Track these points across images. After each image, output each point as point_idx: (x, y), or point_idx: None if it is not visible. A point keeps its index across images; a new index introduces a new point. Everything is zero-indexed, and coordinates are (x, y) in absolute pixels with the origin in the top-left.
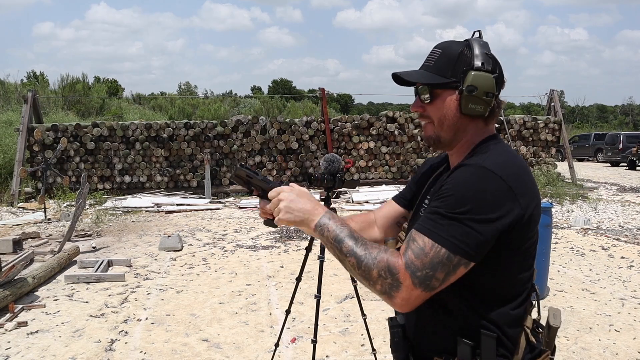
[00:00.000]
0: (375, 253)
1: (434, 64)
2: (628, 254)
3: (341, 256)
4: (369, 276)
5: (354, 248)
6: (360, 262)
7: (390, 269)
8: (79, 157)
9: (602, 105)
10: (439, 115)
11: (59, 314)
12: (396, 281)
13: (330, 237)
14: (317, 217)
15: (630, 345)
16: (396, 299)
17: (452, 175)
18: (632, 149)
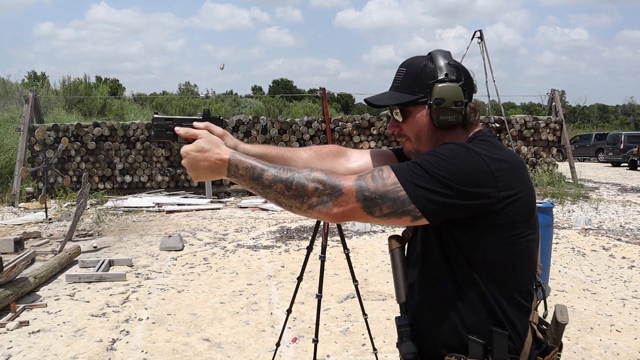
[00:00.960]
0: (308, 171)
1: (401, 83)
2: (629, 254)
3: (265, 190)
4: (303, 192)
5: (277, 174)
6: (290, 183)
7: (331, 180)
8: (80, 157)
9: (603, 105)
10: (414, 132)
11: (61, 313)
12: (337, 191)
13: (246, 177)
14: (225, 164)
15: (632, 346)
16: (332, 207)
17: (440, 145)
18: (633, 149)
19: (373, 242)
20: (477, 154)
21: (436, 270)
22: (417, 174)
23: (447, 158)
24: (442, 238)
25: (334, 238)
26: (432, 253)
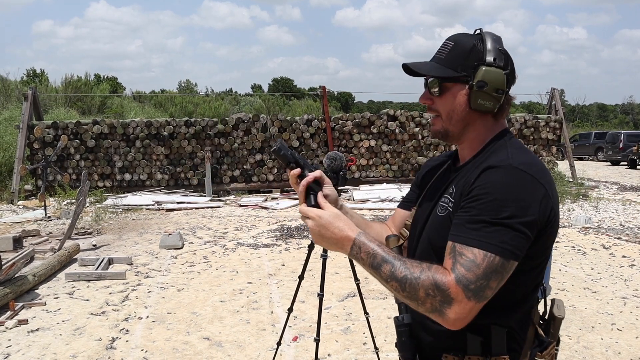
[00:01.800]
0: (418, 272)
1: (446, 56)
2: (629, 252)
3: (382, 281)
4: (416, 297)
5: (394, 271)
6: (403, 285)
7: (438, 286)
8: (79, 155)
9: (602, 104)
10: (447, 109)
11: (60, 312)
12: (447, 297)
13: (366, 262)
14: (353, 237)
15: (633, 344)
16: (448, 315)
17: (484, 179)
18: (632, 147)
19: None
20: (523, 172)
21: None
22: (490, 232)
23: (504, 197)
24: None
25: None
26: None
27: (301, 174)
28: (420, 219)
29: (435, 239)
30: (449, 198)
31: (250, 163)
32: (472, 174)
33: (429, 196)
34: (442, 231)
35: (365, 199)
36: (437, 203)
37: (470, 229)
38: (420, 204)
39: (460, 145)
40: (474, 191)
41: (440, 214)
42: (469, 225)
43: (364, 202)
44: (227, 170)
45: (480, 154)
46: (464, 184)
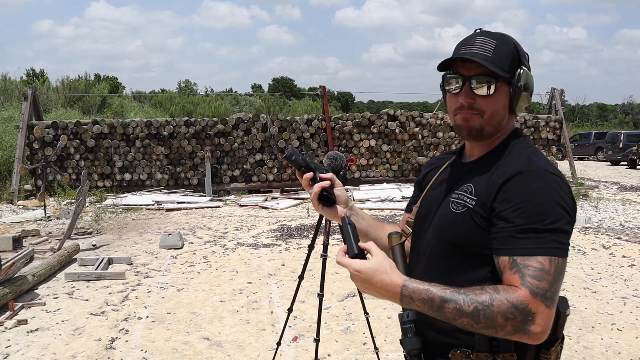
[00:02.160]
0: (488, 299)
1: (493, 55)
2: (629, 252)
3: (449, 320)
4: (494, 324)
5: (460, 308)
6: (477, 318)
7: (516, 306)
8: (79, 155)
9: (602, 104)
10: (492, 109)
11: (59, 312)
12: (528, 314)
13: (424, 307)
14: (399, 290)
15: (633, 344)
16: (534, 330)
17: (518, 184)
18: (632, 147)
19: None
20: (555, 176)
21: (452, 268)
22: (546, 237)
23: (548, 202)
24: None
25: (335, 236)
26: (455, 253)
27: (313, 177)
28: (427, 215)
29: (449, 236)
30: (466, 195)
31: (250, 163)
32: (497, 176)
33: (437, 192)
34: (460, 228)
35: (365, 199)
36: (449, 199)
37: (524, 238)
38: (426, 200)
39: (477, 143)
40: (513, 199)
41: (456, 210)
42: (521, 236)
43: (364, 202)
44: (227, 170)
45: (494, 151)
46: (488, 184)
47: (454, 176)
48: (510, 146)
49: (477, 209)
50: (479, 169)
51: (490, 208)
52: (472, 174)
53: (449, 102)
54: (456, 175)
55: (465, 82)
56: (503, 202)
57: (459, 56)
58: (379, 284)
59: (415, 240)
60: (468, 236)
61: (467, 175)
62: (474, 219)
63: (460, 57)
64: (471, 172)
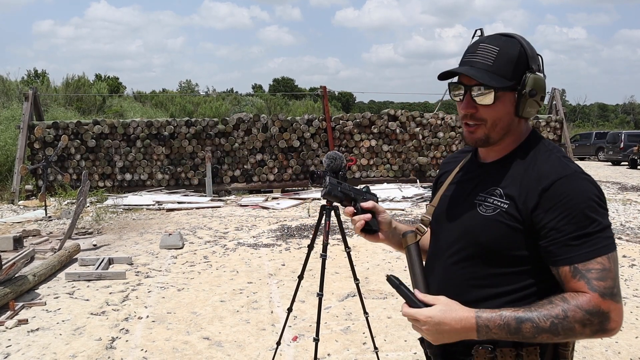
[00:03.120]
0: (561, 312)
1: (494, 63)
2: (630, 252)
3: (528, 339)
4: (573, 333)
5: (537, 326)
6: (556, 332)
7: (590, 312)
8: (80, 155)
9: (603, 104)
10: (494, 118)
11: (60, 311)
12: (603, 315)
13: (502, 335)
14: (474, 322)
15: (633, 344)
16: (610, 327)
17: (561, 190)
18: (633, 147)
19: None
20: (589, 177)
21: (486, 270)
22: (599, 237)
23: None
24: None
25: (335, 236)
26: (488, 255)
27: (355, 208)
28: (446, 214)
29: (482, 237)
30: (496, 198)
31: (251, 163)
32: (531, 181)
33: (456, 192)
34: (493, 230)
35: None
36: (473, 201)
37: (579, 245)
38: (444, 200)
39: (491, 148)
40: (559, 207)
41: (486, 213)
42: (575, 243)
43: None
44: (228, 170)
45: (515, 154)
46: (522, 188)
47: (473, 177)
48: (533, 148)
49: (510, 211)
50: (504, 172)
51: (532, 214)
52: (497, 177)
53: (458, 109)
54: (476, 176)
55: (466, 92)
56: (549, 211)
57: (453, 70)
58: (452, 323)
59: (433, 240)
60: (503, 238)
61: (489, 178)
62: (507, 222)
63: (448, 73)
64: (495, 173)
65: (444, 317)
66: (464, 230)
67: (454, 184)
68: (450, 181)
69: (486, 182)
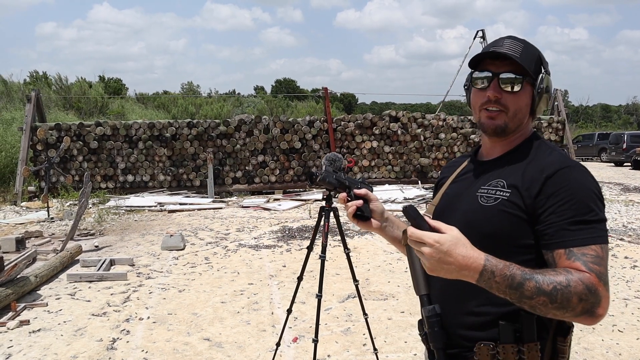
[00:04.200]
0: (564, 279)
1: (521, 56)
2: (632, 253)
3: (522, 299)
4: (568, 305)
5: (539, 286)
6: (554, 298)
7: (589, 288)
8: (82, 156)
9: (606, 105)
10: (516, 107)
11: (61, 312)
12: (597, 297)
13: (502, 285)
14: (482, 263)
15: (634, 346)
16: (599, 312)
17: (563, 178)
18: (636, 148)
19: (375, 242)
20: (586, 169)
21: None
22: (595, 227)
23: (590, 195)
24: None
25: (335, 237)
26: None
27: (348, 195)
28: (447, 210)
29: (486, 228)
30: (498, 189)
31: (253, 164)
32: (534, 170)
33: (457, 188)
34: (496, 219)
35: None
36: (475, 194)
37: (576, 230)
38: (445, 197)
39: (499, 142)
40: (560, 193)
41: (487, 203)
42: (573, 228)
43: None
44: (230, 172)
45: (518, 150)
46: (525, 177)
47: (475, 173)
48: (534, 145)
49: (513, 199)
50: (507, 166)
51: (535, 200)
52: (499, 171)
53: (474, 98)
54: (477, 172)
55: (494, 78)
56: (551, 197)
57: (494, 50)
58: (459, 257)
59: None
60: (506, 226)
61: (492, 172)
62: (509, 210)
63: (492, 54)
64: (497, 168)
65: (453, 248)
66: (466, 223)
67: (455, 182)
68: (451, 181)
69: (489, 177)
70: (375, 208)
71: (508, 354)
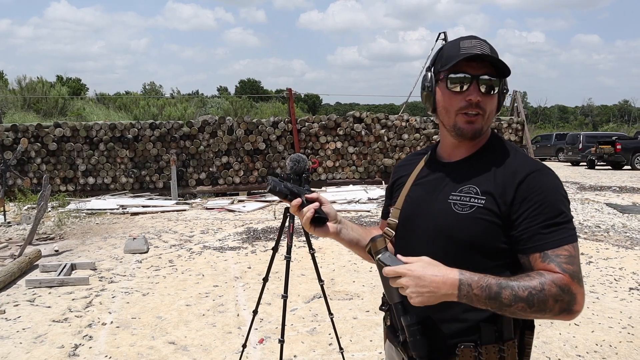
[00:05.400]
0: (538, 284)
1: (496, 56)
2: (587, 250)
3: (502, 307)
4: (545, 307)
5: (515, 293)
6: (531, 302)
7: (563, 289)
8: (41, 158)
9: (563, 106)
10: (490, 109)
11: (20, 319)
12: (572, 295)
13: (481, 297)
14: (457, 278)
15: (589, 338)
16: (575, 309)
17: (533, 183)
18: (591, 148)
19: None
20: (553, 171)
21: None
22: (566, 227)
23: (559, 198)
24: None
25: (300, 238)
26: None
27: (302, 203)
28: (415, 216)
29: (461, 235)
30: (471, 196)
31: (217, 166)
32: (504, 176)
33: (422, 193)
34: (473, 227)
35: (332, 201)
36: (446, 200)
37: (549, 233)
38: (410, 202)
39: (466, 144)
40: (532, 198)
41: (462, 211)
42: (546, 231)
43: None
44: (193, 173)
45: (482, 151)
46: (497, 184)
47: (440, 177)
48: (497, 147)
49: (489, 206)
50: (474, 170)
51: (510, 207)
52: (467, 175)
53: (448, 102)
54: (443, 176)
55: (473, 81)
56: (524, 202)
57: (477, 54)
58: (432, 277)
59: (402, 243)
60: (484, 234)
61: (459, 176)
62: (485, 217)
63: (471, 56)
64: (464, 172)
65: (424, 271)
66: (440, 230)
67: (418, 185)
68: (412, 182)
69: (457, 181)
70: (329, 211)
71: (490, 353)
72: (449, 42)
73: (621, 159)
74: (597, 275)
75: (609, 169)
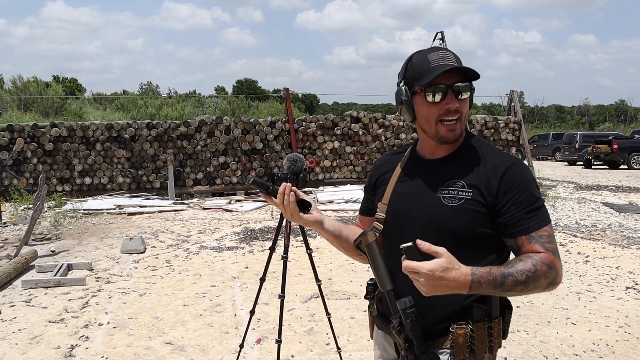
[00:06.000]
0: (531, 266)
1: (461, 63)
2: (584, 249)
3: (505, 292)
4: (538, 284)
5: (516, 279)
6: (528, 284)
7: (549, 265)
8: (37, 159)
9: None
10: (465, 111)
11: (16, 320)
12: (555, 270)
13: (488, 287)
14: (469, 279)
15: (586, 337)
16: (558, 281)
17: (513, 175)
18: (588, 148)
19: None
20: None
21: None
22: (543, 210)
23: (534, 185)
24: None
25: (297, 238)
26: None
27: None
28: (404, 211)
29: (451, 224)
30: (459, 189)
31: (214, 165)
32: (488, 170)
33: (410, 189)
34: (463, 218)
35: (329, 200)
36: (435, 194)
37: (531, 217)
38: (398, 197)
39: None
40: (514, 188)
41: (452, 204)
42: (529, 216)
43: (328, 203)
44: (190, 173)
45: (462, 149)
46: (481, 177)
47: (425, 173)
48: (475, 144)
49: (476, 197)
50: (458, 166)
51: (496, 198)
52: (452, 171)
53: (428, 113)
54: (428, 172)
55: (448, 90)
56: (507, 192)
57: (455, 68)
58: (451, 280)
59: (391, 237)
60: (472, 222)
61: (444, 172)
62: (474, 207)
63: (452, 69)
64: (449, 169)
65: (445, 275)
66: (432, 222)
67: (404, 181)
68: (397, 179)
69: (443, 177)
70: (310, 202)
71: (481, 330)
72: (415, 56)
73: (617, 159)
74: (594, 275)
75: (606, 169)
